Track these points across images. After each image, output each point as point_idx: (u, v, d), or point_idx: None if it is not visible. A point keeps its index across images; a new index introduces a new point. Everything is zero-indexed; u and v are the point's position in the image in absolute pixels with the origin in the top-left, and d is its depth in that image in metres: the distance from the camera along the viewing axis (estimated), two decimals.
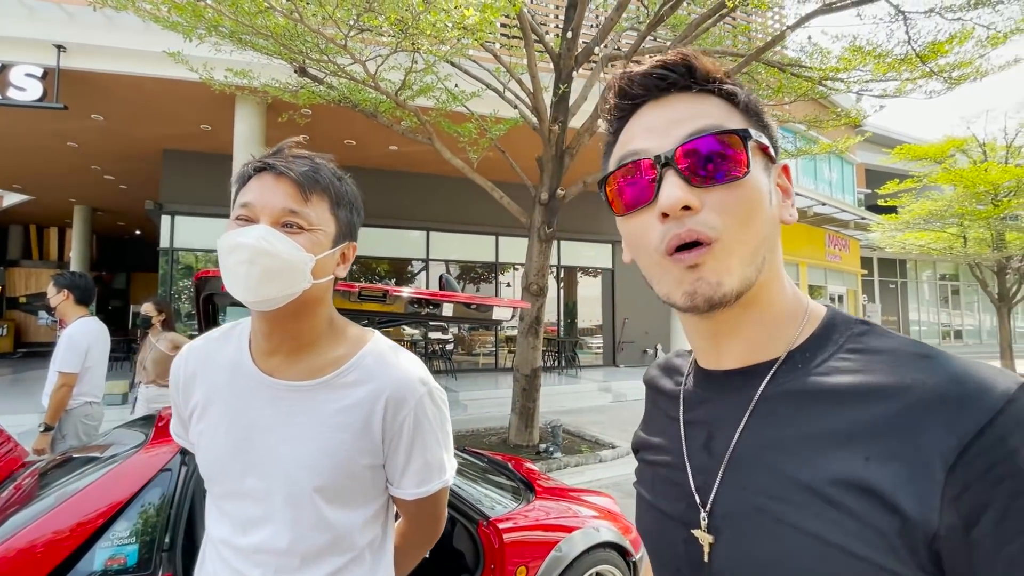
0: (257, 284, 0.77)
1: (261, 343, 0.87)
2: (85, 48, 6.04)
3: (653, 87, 0.54)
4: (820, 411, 0.48)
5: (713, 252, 0.48)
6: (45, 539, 1.52)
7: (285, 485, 0.83)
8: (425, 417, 0.87)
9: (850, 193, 20.53)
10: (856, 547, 0.42)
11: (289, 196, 0.80)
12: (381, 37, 4.39)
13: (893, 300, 24.43)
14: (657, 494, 0.61)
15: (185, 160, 8.99)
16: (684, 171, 0.49)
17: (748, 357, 0.54)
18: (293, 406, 0.85)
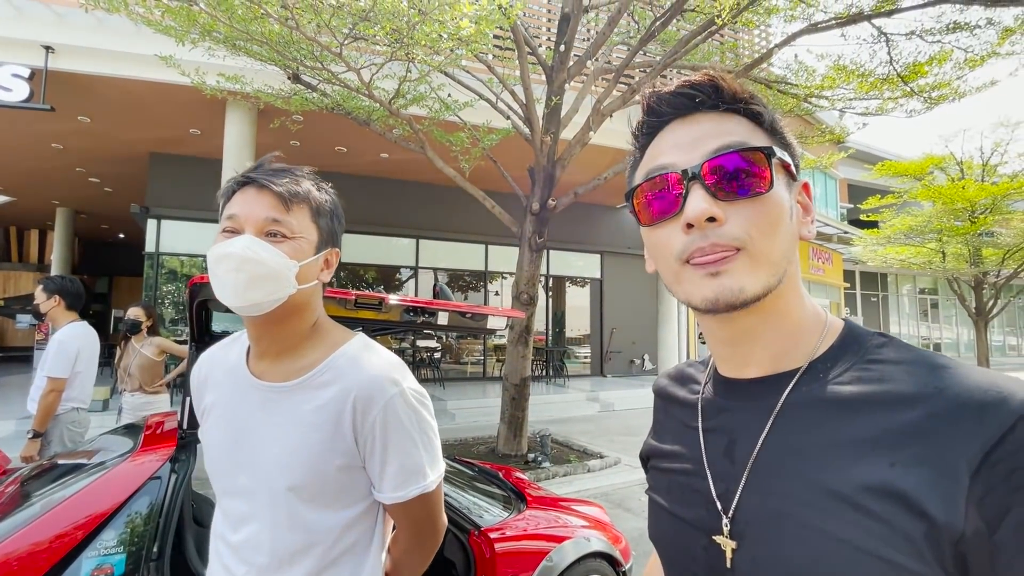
0: (244, 290, 0.81)
1: (253, 347, 0.92)
2: (74, 49, 5.99)
3: (681, 106, 0.56)
4: (844, 418, 0.49)
5: (737, 260, 0.50)
6: (29, 549, 1.48)
7: (266, 484, 0.85)
8: (396, 418, 0.86)
9: (833, 208, 20.92)
10: (884, 551, 0.43)
11: (271, 207, 0.84)
12: (376, 46, 4.41)
13: (875, 313, 24.86)
14: (674, 501, 0.61)
15: (173, 164, 8.90)
16: (710, 185, 0.51)
17: (771, 366, 0.56)
18: (276, 407, 0.87)
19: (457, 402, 8.34)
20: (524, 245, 5.46)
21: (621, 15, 5.18)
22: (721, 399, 0.61)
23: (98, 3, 3.75)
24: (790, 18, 5.69)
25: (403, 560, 0.99)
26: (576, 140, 5.28)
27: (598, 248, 12.81)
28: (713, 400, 0.62)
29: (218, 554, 0.91)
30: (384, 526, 0.96)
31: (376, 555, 0.93)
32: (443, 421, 7.55)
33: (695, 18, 6.10)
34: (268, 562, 0.85)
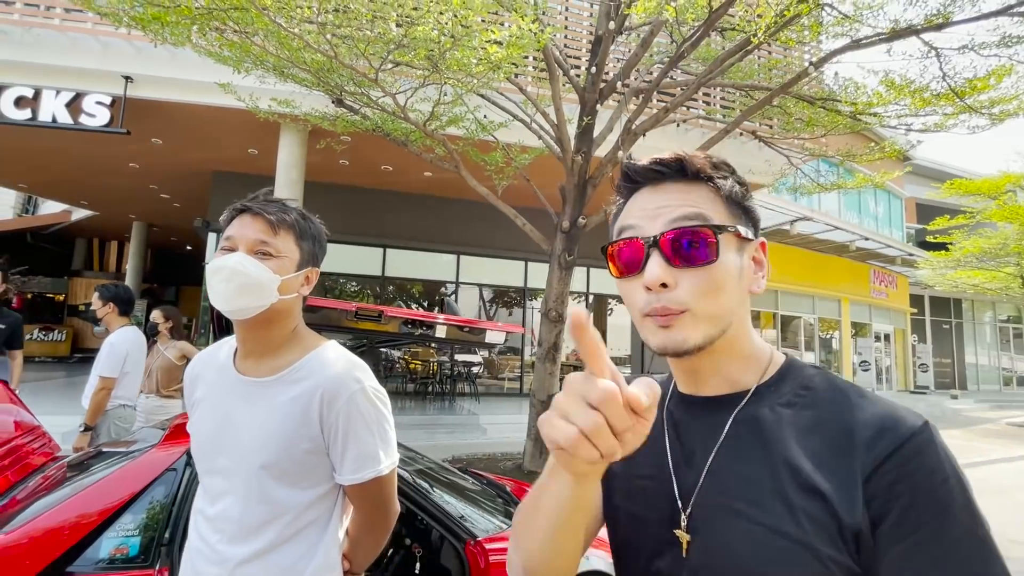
0: (233, 297, 0.97)
1: (240, 348, 1.07)
2: (149, 79, 6.60)
3: (652, 176, 0.66)
4: (781, 433, 0.60)
5: (681, 319, 0.60)
6: (59, 526, 1.66)
7: (242, 463, 0.98)
8: (356, 410, 0.99)
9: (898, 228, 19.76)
10: (809, 540, 0.54)
11: (261, 230, 1.01)
12: (411, 70, 4.63)
13: (947, 341, 23.08)
14: (638, 504, 0.69)
15: (232, 181, 9.55)
16: (667, 253, 0.61)
17: (723, 388, 0.66)
18: (256, 398, 1.01)
19: (490, 417, 8.40)
20: (554, 262, 5.51)
21: (654, 37, 5.22)
22: (682, 414, 0.70)
23: (165, 39, 4.14)
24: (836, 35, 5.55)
25: (359, 539, 1.10)
26: (607, 159, 5.32)
27: None
28: (676, 415, 0.71)
29: (196, 526, 1.05)
30: (342, 510, 1.07)
31: (333, 533, 1.04)
32: (475, 436, 7.62)
33: (735, 36, 6.05)
34: (237, 531, 0.97)
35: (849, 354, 17.30)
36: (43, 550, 1.59)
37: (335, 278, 11.00)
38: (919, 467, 0.53)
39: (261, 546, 0.97)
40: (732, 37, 6.16)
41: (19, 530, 1.62)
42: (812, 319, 16.72)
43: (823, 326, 17.24)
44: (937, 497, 0.52)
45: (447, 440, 7.28)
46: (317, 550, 1.00)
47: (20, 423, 2.41)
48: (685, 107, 8.50)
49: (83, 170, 9.56)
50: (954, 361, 23.02)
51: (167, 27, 4.05)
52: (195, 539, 1.04)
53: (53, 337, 14.62)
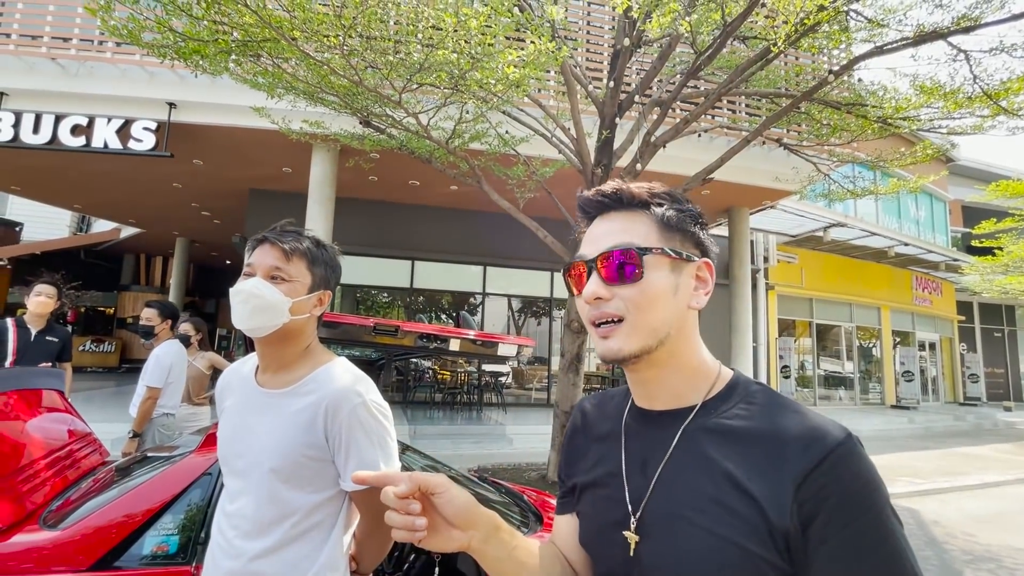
0: (248, 317, 1.10)
1: (260, 363, 1.20)
2: (191, 104, 7.00)
3: (598, 207, 0.76)
4: (724, 445, 0.67)
5: (616, 329, 0.69)
6: (107, 524, 1.82)
7: (255, 465, 1.09)
8: (358, 422, 1.09)
9: (942, 232, 18.99)
10: (743, 541, 0.61)
11: (276, 258, 1.14)
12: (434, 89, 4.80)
13: (1000, 350, 21.93)
14: (598, 511, 0.77)
15: (268, 199, 9.95)
16: (602, 272, 0.70)
17: (673, 402, 0.73)
18: (270, 408, 1.13)
19: (516, 427, 8.46)
20: None
21: (672, 49, 5.26)
22: (637, 426, 0.78)
23: (205, 69, 4.43)
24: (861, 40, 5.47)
25: (365, 542, 1.21)
26: (627, 171, 5.36)
27: None
28: (631, 427, 0.78)
29: (217, 522, 1.17)
30: (349, 514, 1.17)
31: (339, 534, 1.14)
32: (500, 446, 7.69)
33: (757, 44, 6.03)
34: (251, 527, 1.09)
35: (891, 364, 16.65)
36: (94, 546, 1.75)
37: (366, 290, 11.30)
38: (844, 473, 0.60)
39: (272, 543, 1.07)
40: (754, 45, 6.15)
41: (73, 527, 1.78)
42: (851, 327, 16.18)
43: (863, 335, 16.66)
44: (861, 500, 0.59)
45: (473, 450, 7.38)
46: (322, 549, 1.10)
47: (74, 431, 2.62)
48: (709, 116, 8.47)
49: (131, 191, 10.13)
50: (1007, 371, 21.84)
51: (206, 59, 4.32)
52: (216, 533, 1.16)
53: (104, 348, 15.40)
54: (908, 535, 2.32)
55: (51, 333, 3.81)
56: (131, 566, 1.79)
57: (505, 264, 11.48)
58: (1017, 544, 4.81)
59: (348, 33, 3.81)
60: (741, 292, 11.23)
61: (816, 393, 15.20)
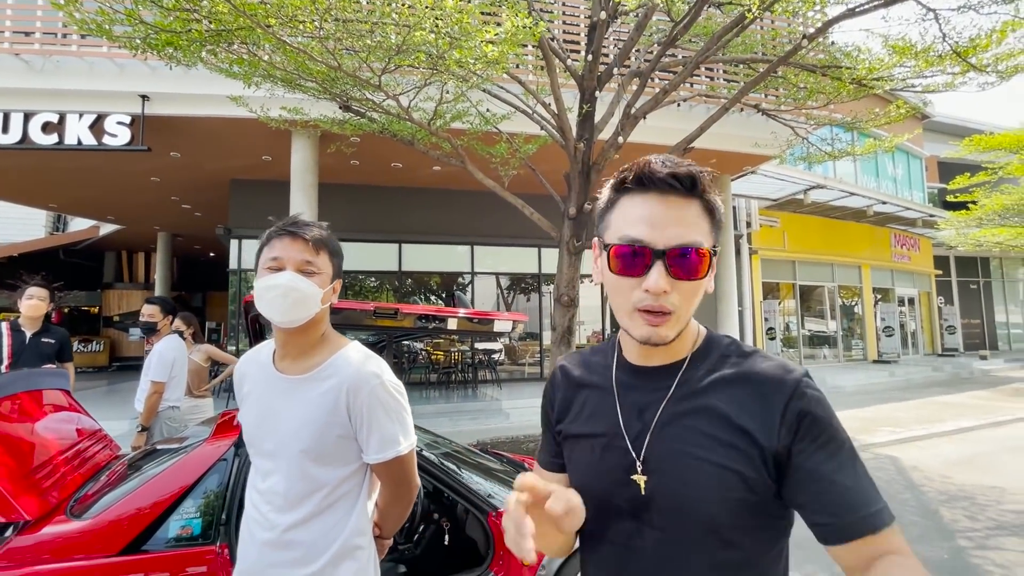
0: (288, 310, 1.17)
1: (279, 350, 1.27)
2: (164, 96, 6.87)
3: (663, 186, 0.75)
4: (713, 390, 0.78)
5: (669, 320, 0.76)
6: (131, 513, 1.91)
7: (284, 447, 1.18)
8: (378, 400, 1.18)
9: (919, 188, 19.30)
10: (737, 466, 0.73)
11: (305, 251, 1.20)
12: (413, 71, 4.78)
13: (975, 301, 22.57)
14: (598, 459, 0.85)
15: (249, 188, 9.85)
16: (670, 266, 0.74)
17: (667, 359, 0.84)
18: (293, 393, 1.21)
19: (512, 402, 8.64)
20: (563, 248, 5.65)
21: (648, 19, 5.27)
22: (629, 380, 0.87)
23: (179, 61, 4.36)
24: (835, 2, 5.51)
25: (387, 510, 1.32)
26: (609, 145, 5.42)
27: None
28: (623, 381, 0.87)
29: (250, 498, 1.27)
30: (371, 484, 1.28)
31: (363, 503, 1.25)
32: (497, 420, 7.87)
33: (732, 10, 6.04)
34: (283, 502, 1.19)
35: (872, 320, 17.11)
36: (123, 532, 1.84)
37: (354, 275, 11.30)
38: (811, 398, 0.75)
39: (304, 515, 1.17)
40: (730, 11, 6.16)
41: (100, 516, 1.87)
42: (832, 287, 16.55)
43: (844, 294, 17.06)
44: (824, 415, 0.74)
45: (471, 426, 7.55)
46: (350, 517, 1.21)
47: (84, 428, 2.68)
48: (688, 84, 8.49)
49: (108, 187, 9.95)
50: (983, 321, 22.52)
51: (180, 50, 4.26)
52: (250, 509, 1.26)
53: (92, 348, 15.27)
54: (889, 481, 2.65)
55: (47, 335, 3.83)
56: (159, 549, 1.89)
57: (492, 243, 11.53)
58: (989, 482, 5.11)
59: (324, 17, 3.78)
60: (725, 259, 11.43)
61: (801, 353, 15.61)
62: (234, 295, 10.08)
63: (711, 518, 0.74)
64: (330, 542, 1.17)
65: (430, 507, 2.79)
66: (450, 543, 2.60)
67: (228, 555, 1.93)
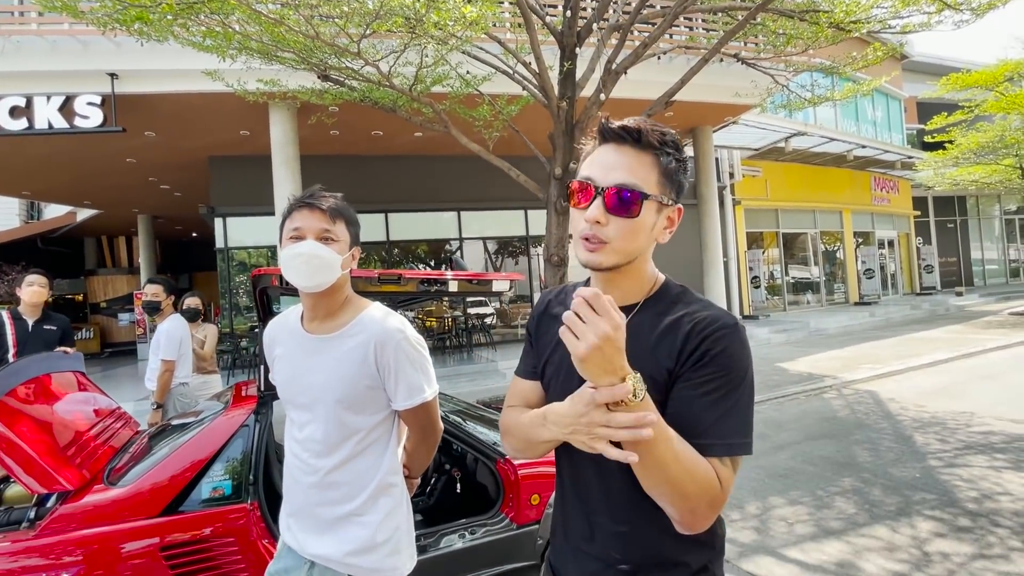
0: (311, 275, 1.27)
1: (307, 313, 1.38)
2: (135, 73, 6.68)
3: (616, 137, 0.88)
4: (655, 328, 0.89)
5: (603, 248, 0.87)
6: (167, 478, 2.04)
7: (319, 399, 1.31)
8: (404, 353, 1.31)
9: (898, 131, 19.43)
10: (658, 377, 0.84)
11: (324, 220, 1.29)
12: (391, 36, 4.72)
13: (952, 240, 23.10)
14: (559, 375, 0.97)
15: (229, 165, 9.69)
16: (606, 201, 0.85)
17: (623, 299, 0.91)
18: (324, 350, 1.33)
19: (507, 362, 8.86)
20: (551, 209, 5.73)
21: None
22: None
23: (149, 36, 4.26)
24: None
25: (414, 452, 1.47)
26: (591, 102, 5.43)
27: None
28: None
29: (289, 448, 1.40)
30: (399, 429, 1.42)
31: (393, 447, 1.39)
32: (495, 380, 8.10)
33: None
34: (322, 448, 1.32)
35: (853, 264, 17.51)
36: (161, 496, 1.98)
37: None
38: (719, 341, 0.83)
39: (341, 458, 1.31)
40: None
41: (137, 483, 2.00)
42: (815, 233, 16.83)
43: (826, 239, 17.37)
44: (725, 362, 0.83)
45: (469, 387, 7.77)
46: (384, 459, 1.35)
47: (101, 408, 2.78)
48: (668, 36, 8.40)
49: (81, 171, 9.73)
50: (960, 259, 23.13)
51: (150, 25, 4.16)
52: (290, 457, 1.39)
53: (82, 336, 15.18)
54: (867, 413, 2.90)
55: (48, 322, 3.87)
56: (194, 509, 2.04)
57: (479, 207, 11.52)
58: (959, 408, 5.45)
59: None
60: (709, 210, 11.56)
61: (785, 299, 16.00)
62: (222, 274, 10.05)
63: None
64: (368, 481, 1.32)
65: (440, 458, 2.97)
66: (463, 488, 2.79)
67: (259, 512, 2.09)
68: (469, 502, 2.76)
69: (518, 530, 2.48)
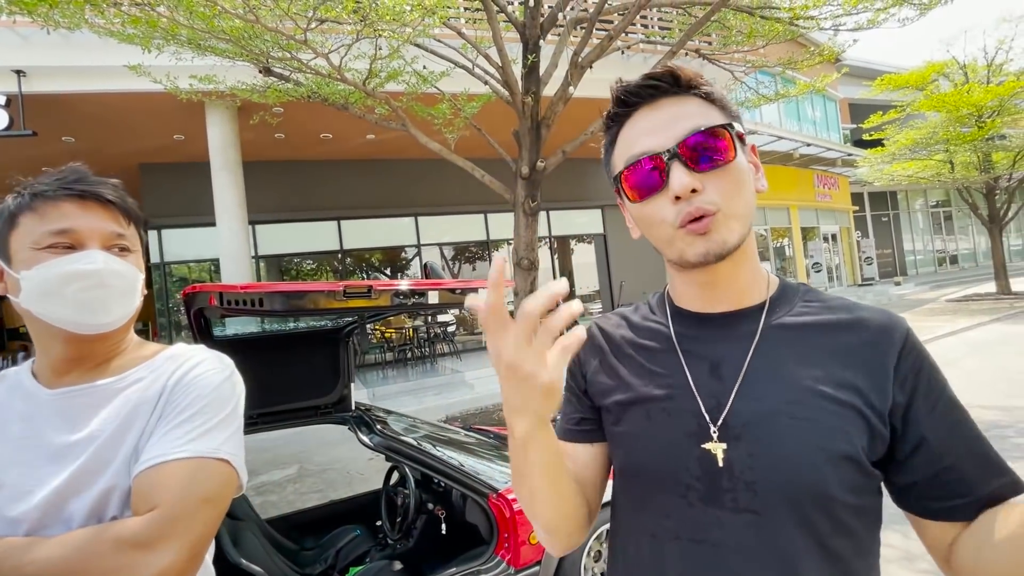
0: (112, 306, 0.79)
1: (63, 365, 0.81)
2: (45, 70, 5.95)
3: (646, 95, 0.66)
4: (811, 339, 0.65)
5: (717, 220, 0.62)
6: None
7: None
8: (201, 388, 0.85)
9: (835, 130, 20.36)
10: (849, 426, 0.60)
11: (114, 220, 0.81)
12: (342, 26, 4.33)
13: (887, 233, 24.46)
14: (657, 425, 0.68)
15: (163, 173, 8.92)
16: (688, 162, 0.62)
17: (737, 302, 0.69)
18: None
19: (474, 372, 8.50)
20: (518, 210, 5.45)
21: None
22: (694, 331, 0.70)
23: (58, 24, 3.71)
24: None
25: None
26: (558, 98, 5.19)
27: (598, 203, 12.70)
28: (685, 334, 0.71)
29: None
30: None
31: None
32: (462, 392, 7.72)
33: None
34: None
35: (801, 258, 18.15)
36: None
37: (290, 259, 10.62)
38: (920, 351, 0.64)
39: None
40: None
41: None
42: (764, 230, 17.33)
43: (775, 235, 17.93)
44: (934, 366, 0.64)
45: (436, 401, 7.36)
46: None
47: None
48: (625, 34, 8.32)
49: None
50: (894, 251, 24.52)
51: (56, 8, 3.61)
52: None
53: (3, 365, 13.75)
54: None
55: None
56: None
57: (437, 212, 11.13)
58: None
59: None
60: None
61: None
62: (159, 291, 9.23)
63: (821, 491, 0.59)
64: None
65: (420, 496, 2.61)
66: (449, 529, 2.44)
67: None
68: (457, 545, 2.41)
69: (517, 574, 2.16)
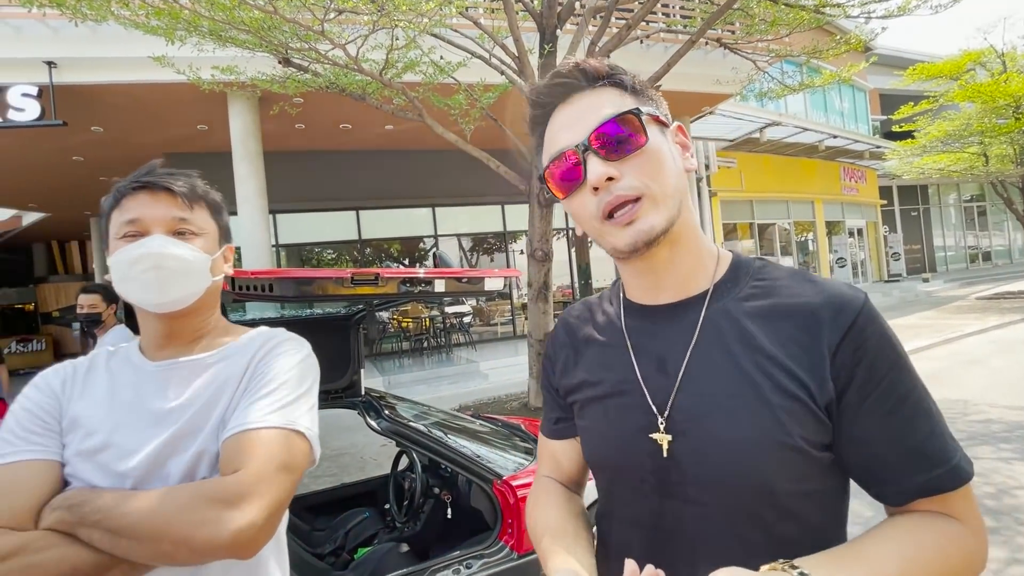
0: (167, 287, 0.83)
1: (158, 342, 0.89)
2: (74, 61, 6.10)
3: (558, 93, 0.66)
4: (752, 325, 0.63)
5: (641, 208, 0.62)
6: None
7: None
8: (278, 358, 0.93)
9: (864, 122, 19.78)
10: (788, 417, 0.59)
11: (175, 207, 0.86)
12: (359, 16, 4.36)
13: (916, 228, 23.75)
14: (612, 422, 0.70)
15: (187, 162, 9.03)
16: (600, 151, 0.62)
17: (682, 290, 0.68)
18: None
19: (489, 362, 8.56)
20: (533, 202, 5.45)
21: None
22: (641, 324, 0.71)
23: (86, 16, 3.81)
24: None
25: None
26: None
27: None
28: (633, 327, 0.71)
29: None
30: None
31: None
32: (477, 382, 7.78)
33: None
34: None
35: (825, 253, 17.76)
36: None
37: (310, 248, 10.78)
38: (872, 333, 0.59)
39: None
40: None
41: None
42: (788, 224, 16.99)
43: (798, 229, 17.57)
44: (886, 356, 0.59)
45: (451, 390, 7.44)
46: None
47: None
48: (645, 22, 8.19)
49: (22, 171, 9.00)
50: (923, 246, 23.81)
51: (84, 1, 3.71)
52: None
53: (32, 347, 14.26)
54: None
55: None
56: None
57: (454, 203, 11.17)
58: (952, 396, 5.38)
59: None
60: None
61: None
62: None
63: (761, 483, 0.59)
64: None
65: (427, 480, 2.66)
66: (454, 515, 2.48)
67: None
68: (462, 529, 2.46)
69: (520, 559, 2.19)
